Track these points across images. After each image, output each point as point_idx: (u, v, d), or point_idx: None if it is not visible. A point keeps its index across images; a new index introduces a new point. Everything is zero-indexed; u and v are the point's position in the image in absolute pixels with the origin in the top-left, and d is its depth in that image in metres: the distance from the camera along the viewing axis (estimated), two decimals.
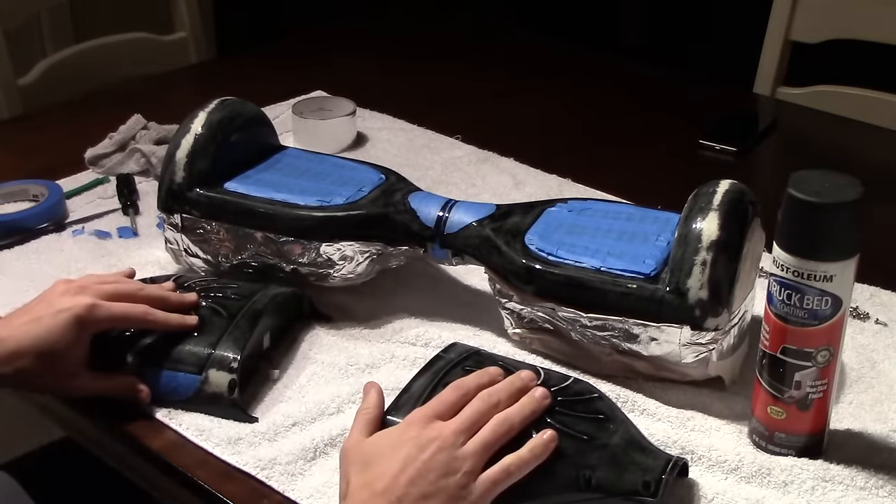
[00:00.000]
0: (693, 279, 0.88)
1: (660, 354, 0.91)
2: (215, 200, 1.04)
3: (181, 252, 1.07)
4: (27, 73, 1.71)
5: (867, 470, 0.84)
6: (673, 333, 0.90)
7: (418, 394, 0.85)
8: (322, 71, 1.64)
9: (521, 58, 1.77)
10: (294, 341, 1.00)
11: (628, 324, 0.91)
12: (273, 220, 1.02)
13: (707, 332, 0.89)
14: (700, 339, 0.89)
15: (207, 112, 1.07)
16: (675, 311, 0.89)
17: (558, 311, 0.94)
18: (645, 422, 0.88)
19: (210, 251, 1.05)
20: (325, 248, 1.01)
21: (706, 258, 0.88)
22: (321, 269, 1.02)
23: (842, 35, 1.68)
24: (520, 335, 0.98)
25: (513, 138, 1.44)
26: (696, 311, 0.88)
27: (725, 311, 0.89)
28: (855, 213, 0.78)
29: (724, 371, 0.93)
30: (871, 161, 1.44)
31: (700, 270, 0.88)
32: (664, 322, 0.90)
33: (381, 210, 1.02)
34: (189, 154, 1.04)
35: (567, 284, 0.93)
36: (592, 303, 0.92)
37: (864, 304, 1.07)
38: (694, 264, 0.88)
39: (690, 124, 1.48)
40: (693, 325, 0.89)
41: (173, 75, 1.74)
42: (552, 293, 0.94)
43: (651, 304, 0.90)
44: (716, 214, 0.89)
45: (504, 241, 0.98)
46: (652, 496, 0.77)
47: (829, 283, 0.80)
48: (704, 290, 0.88)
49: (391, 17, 1.94)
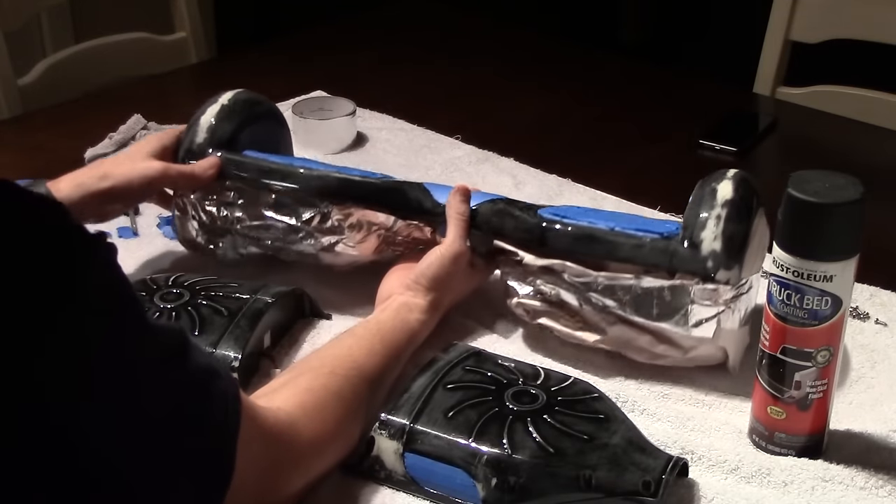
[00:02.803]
0: (707, 231, 0.91)
1: (667, 326, 0.92)
2: (234, 160, 1.07)
3: (188, 218, 1.08)
4: (27, 73, 1.70)
5: (867, 470, 0.84)
6: (683, 294, 0.91)
7: (418, 394, 0.85)
8: (322, 71, 1.64)
9: (522, 58, 1.77)
10: (295, 340, 1.00)
11: (638, 284, 0.92)
12: (291, 177, 1.05)
13: (718, 284, 0.90)
14: (710, 297, 0.90)
15: (234, 92, 1.13)
16: (687, 263, 0.91)
17: (567, 272, 0.95)
18: (645, 422, 0.88)
19: (218, 216, 1.07)
20: (337, 215, 1.03)
21: (720, 213, 0.91)
22: (326, 237, 1.04)
23: (842, 35, 1.68)
24: (523, 306, 0.98)
25: (513, 138, 1.44)
26: (708, 262, 0.90)
27: (737, 267, 0.90)
28: (855, 213, 0.79)
29: (729, 344, 0.92)
30: (871, 161, 1.44)
31: (714, 223, 0.91)
32: (676, 273, 0.91)
33: (396, 185, 1.06)
34: (214, 119, 1.09)
35: (580, 238, 0.96)
36: (605, 256, 0.94)
37: (864, 304, 1.07)
38: (708, 218, 0.91)
39: (690, 124, 1.48)
40: (705, 277, 0.90)
41: (173, 75, 1.74)
42: (565, 249, 0.96)
43: (664, 255, 0.92)
44: (730, 181, 0.93)
45: (518, 209, 1.01)
46: (652, 496, 0.77)
47: (829, 283, 0.80)
48: (718, 242, 0.90)
49: (391, 17, 1.94)
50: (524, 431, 0.81)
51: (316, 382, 0.83)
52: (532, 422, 0.81)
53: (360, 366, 0.87)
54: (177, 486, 0.64)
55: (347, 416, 0.83)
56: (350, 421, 0.83)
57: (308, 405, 0.80)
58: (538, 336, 1.02)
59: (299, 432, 0.78)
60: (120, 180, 1.04)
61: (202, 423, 0.66)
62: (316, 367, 0.86)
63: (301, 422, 0.78)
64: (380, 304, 0.99)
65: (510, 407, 0.83)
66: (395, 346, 0.92)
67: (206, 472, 0.67)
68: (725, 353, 0.94)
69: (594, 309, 0.94)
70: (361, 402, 0.85)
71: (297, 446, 0.77)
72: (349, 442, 0.83)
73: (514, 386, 0.86)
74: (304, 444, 0.78)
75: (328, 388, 0.83)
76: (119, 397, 0.60)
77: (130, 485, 0.61)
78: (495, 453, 0.80)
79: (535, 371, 0.89)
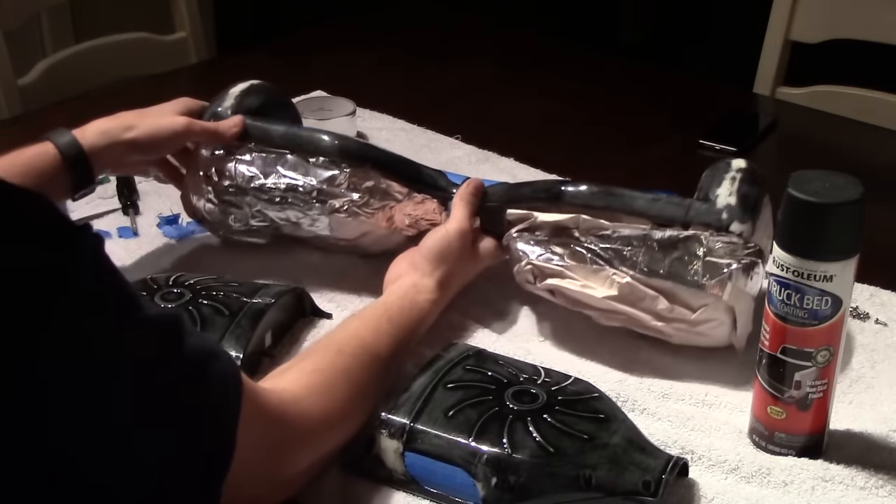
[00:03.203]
0: (723, 189, 0.95)
1: (678, 284, 0.92)
2: (257, 123, 1.10)
3: (200, 179, 1.09)
4: (27, 73, 1.70)
5: (867, 470, 0.84)
6: (697, 245, 0.92)
7: (418, 393, 0.85)
8: (322, 71, 1.64)
9: (522, 58, 1.77)
10: (296, 340, 1.00)
11: (652, 234, 0.94)
12: (313, 139, 1.08)
13: (732, 236, 0.92)
14: (724, 251, 0.92)
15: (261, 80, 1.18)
16: (702, 215, 0.95)
17: (581, 225, 0.97)
18: (645, 421, 0.88)
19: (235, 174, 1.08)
20: (353, 177, 1.06)
21: (735, 176, 0.96)
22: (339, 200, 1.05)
23: (842, 35, 1.68)
24: (532, 268, 0.99)
25: (513, 138, 1.44)
26: (723, 214, 0.94)
27: (750, 222, 0.93)
28: (855, 213, 0.79)
29: (739, 306, 0.93)
30: (871, 161, 1.44)
31: (729, 183, 0.95)
32: (691, 225, 0.94)
33: (413, 161, 1.10)
34: (243, 91, 1.13)
35: (597, 193, 0.99)
36: (620, 209, 0.98)
37: (864, 304, 1.07)
38: (724, 179, 0.96)
39: (690, 124, 1.48)
40: (719, 227, 0.93)
41: (173, 75, 1.74)
42: (581, 202, 0.99)
43: (679, 208, 0.96)
44: (742, 160, 0.99)
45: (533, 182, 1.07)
46: (652, 496, 0.77)
47: (829, 283, 0.80)
48: (733, 198, 0.94)
49: (391, 17, 1.94)
50: (524, 431, 0.81)
51: (323, 362, 0.84)
52: (532, 421, 0.81)
53: (367, 344, 0.88)
54: (177, 467, 0.64)
55: (356, 393, 0.83)
56: (359, 399, 0.84)
57: (315, 384, 0.81)
58: (538, 336, 1.02)
59: (306, 411, 0.78)
60: (145, 131, 1.05)
61: (201, 405, 0.66)
62: (322, 348, 0.87)
63: (307, 400, 0.78)
64: (388, 287, 0.99)
65: (510, 406, 0.83)
66: (403, 325, 0.92)
67: (206, 452, 0.67)
68: (732, 329, 0.94)
69: (605, 264, 0.95)
70: (371, 379, 0.85)
71: (304, 425, 0.78)
72: (359, 419, 0.84)
73: (515, 385, 0.86)
74: (311, 422, 0.78)
75: (336, 367, 0.83)
76: (117, 386, 0.60)
77: (130, 469, 0.61)
78: (495, 453, 0.80)
79: (536, 370, 0.89)
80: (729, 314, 0.93)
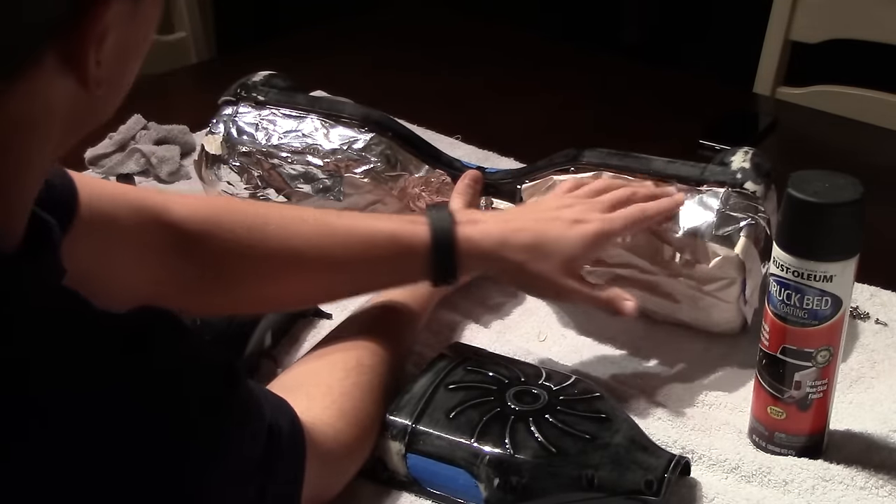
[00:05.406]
0: (737, 157, 1.00)
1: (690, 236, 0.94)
2: (286, 95, 1.15)
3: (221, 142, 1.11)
4: None
5: (867, 470, 0.85)
6: (713, 199, 0.95)
7: (419, 394, 0.85)
8: (322, 71, 1.64)
9: (522, 57, 1.77)
10: (296, 340, 1.00)
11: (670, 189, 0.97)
12: (339, 103, 1.15)
13: (747, 192, 0.96)
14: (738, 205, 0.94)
15: None
16: (717, 175, 0.98)
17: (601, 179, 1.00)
18: (645, 421, 0.89)
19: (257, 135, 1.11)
20: (373, 143, 1.10)
21: (747, 149, 1.01)
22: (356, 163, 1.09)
23: (842, 35, 1.68)
24: None
25: (513, 138, 1.44)
26: (738, 174, 0.98)
27: (763, 185, 0.97)
28: (855, 213, 0.79)
29: (750, 263, 0.94)
30: (871, 161, 1.44)
31: (742, 155, 1.00)
32: (706, 183, 0.97)
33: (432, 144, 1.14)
34: (272, 74, 1.18)
35: (614, 154, 1.04)
36: (637, 169, 1.01)
37: (864, 304, 1.07)
38: (737, 151, 1.01)
39: (690, 124, 1.48)
40: (733, 185, 0.96)
41: (173, 75, 1.74)
42: (599, 162, 1.03)
43: (695, 169, 1.00)
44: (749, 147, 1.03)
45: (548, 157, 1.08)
46: (654, 495, 0.77)
47: (829, 283, 0.80)
48: (747, 163, 0.99)
49: (391, 17, 1.94)
50: (526, 431, 0.81)
51: (347, 381, 0.83)
52: (534, 421, 0.82)
53: (382, 352, 0.88)
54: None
55: (379, 409, 0.84)
56: (379, 413, 0.84)
57: (346, 409, 0.80)
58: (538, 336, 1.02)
59: (342, 441, 0.78)
60: None
61: (276, 465, 0.65)
62: (343, 364, 0.85)
63: (342, 429, 0.78)
64: None
65: (512, 407, 0.83)
66: (409, 314, 0.94)
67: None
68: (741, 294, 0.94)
69: None
70: (387, 388, 0.86)
71: (340, 454, 0.78)
72: (377, 432, 0.84)
73: (516, 386, 0.86)
74: (345, 450, 0.79)
75: (360, 386, 0.83)
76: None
77: None
78: (497, 453, 0.80)
79: (537, 371, 0.89)
80: (740, 273, 0.93)
